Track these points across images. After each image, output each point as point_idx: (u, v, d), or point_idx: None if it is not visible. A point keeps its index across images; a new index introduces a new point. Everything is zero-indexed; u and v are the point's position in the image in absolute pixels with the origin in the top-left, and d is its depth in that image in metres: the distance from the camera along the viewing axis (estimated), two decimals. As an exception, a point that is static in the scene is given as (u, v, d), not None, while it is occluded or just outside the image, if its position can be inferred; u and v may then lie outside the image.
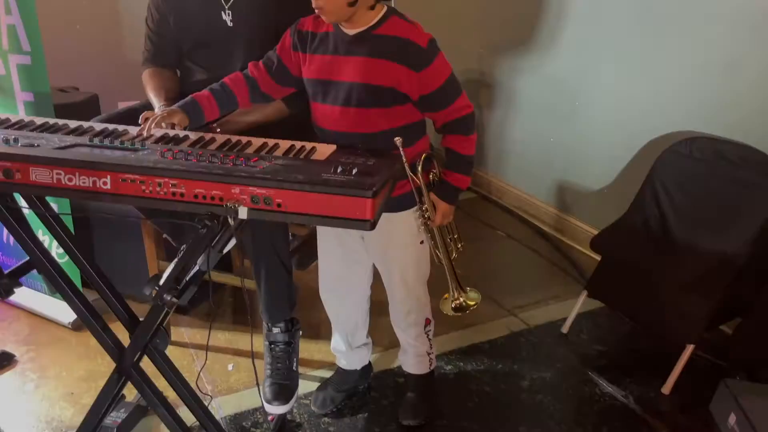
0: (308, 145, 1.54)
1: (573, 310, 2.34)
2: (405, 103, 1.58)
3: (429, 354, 1.95)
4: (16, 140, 1.41)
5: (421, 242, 1.76)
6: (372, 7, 1.52)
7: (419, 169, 1.63)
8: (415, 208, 1.70)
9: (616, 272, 2.23)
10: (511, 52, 3.17)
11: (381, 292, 1.90)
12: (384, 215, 1.60)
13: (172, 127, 1.60)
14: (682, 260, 2.07)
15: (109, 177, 1.32)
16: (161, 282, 1.41)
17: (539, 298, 2.59)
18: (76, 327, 2.33)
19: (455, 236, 1.79)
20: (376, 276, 1.89)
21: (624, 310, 2.32)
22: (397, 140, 1.54)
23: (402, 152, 1.54)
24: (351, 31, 1.55)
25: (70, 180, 1.33)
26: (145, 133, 1.54)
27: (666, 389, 2.07)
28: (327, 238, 1.84)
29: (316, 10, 1.52)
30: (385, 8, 1.55)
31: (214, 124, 1.87)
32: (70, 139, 1.47)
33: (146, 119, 1.59)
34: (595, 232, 2.45)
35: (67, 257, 1.63)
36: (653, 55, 2.47)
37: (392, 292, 1.85)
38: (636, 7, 2.50)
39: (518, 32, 3.08)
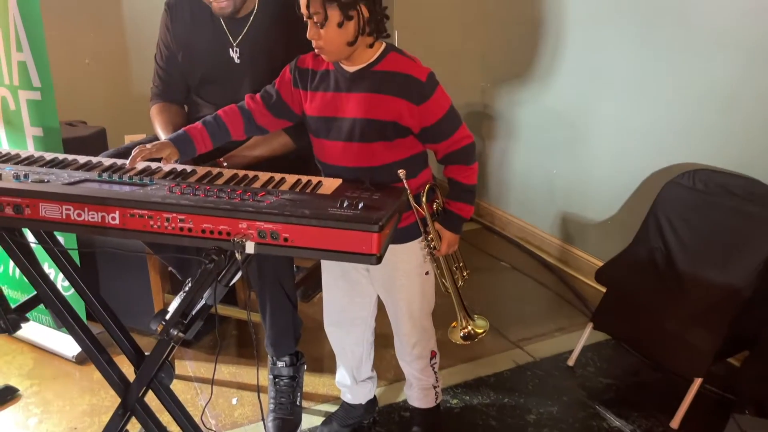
0: (314, 179, 1.56)
1: (579, 343, 2.33)
2: (407, 136, 1.60)
3: (435, 387, 1.94)
4: (26, 176, 1.42)
5: (426, 273, 1.76)
6: (371, 45, 1.55)
7: (423, 199, 1.65)
8: (420, 238, 1.71)
9: (621, 304, 2.22)
10: (512, 84, 3.21)
11: (385, 325, 1.89)
12: (390, 247, 1.61)
13: (160, 160, 1.62)
14: (688, 292, 2.06)
15: (117, 212, 1.34)
16: (168, 316, 1.41)
17: (545, 330, 2.58)
18: (80, 361, 2.32)
19: (460, 264, 1.80)
20: (381, 308, 1.88)
21: (630, 343, 2.31)
22: (401, 172, 1.56)
23: (406, 184, 1.56)
24: (351, 69, 1.58)
25: (79, 215, 1.34)
26: (128, 165, 1.56)
27: (674, 423, 2.05)
28: (331, 270, 1.84)
29: (316, 50, 1.55)
30: (384, 45, 1.58)
31: (221, 159, 1.90)
32: (79, 175, 1.49)
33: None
34: (600, 264, 2.45)
35: (72, 290, 1.64)
36: (653, 87, 2.50)
37: (397, 324, 1.85)
38: (634, 40, 2.54)
39: (518, 65, 3.12)
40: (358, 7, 1.47)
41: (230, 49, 2.00)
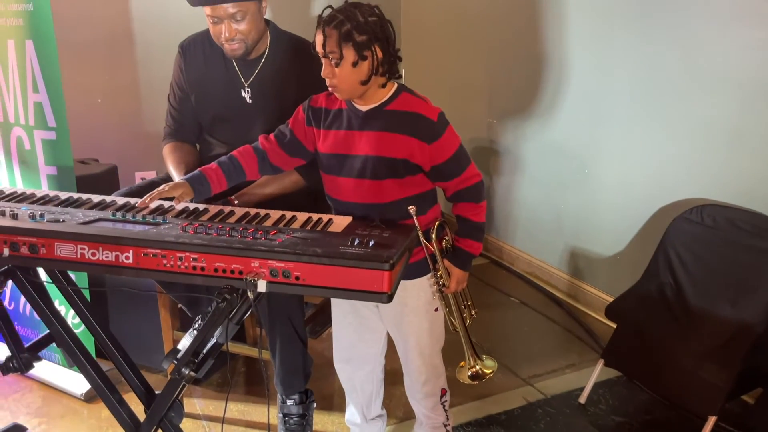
0: (325, 217, 1.58)
1: (590, 380, 2.30)
2: (417, 174, 1.63)
3: (446, 426, 1.92)
4: (42, 215, 1.45)
5: (436, 309, 1.76)
6: (383, 85, 1.59)
7: (433, 236, 1.66)
8: (429, 275, 1.72)
9: (632, 341, 2.21)
10: (518, 119, 3.24)
11: (394, 362, 1.88)
12: (403, 283, 1.62)
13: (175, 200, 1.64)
14: (700, 329, 2.05)
15: (131, 251, 1.35)
16: (179, 355, 1.42)
17: (555, 367, 2.56)
18: (88, 399, 2.32)
19: (469, 303, 1.80)
20: (390, 345, 1.88)
21: (642, 380, 2.28)
22: (411, 209, 1.58)
23: (416, 220, 1.58)
24: (364, 108, 1.61)
25: (93, 255, 1.36)
26: (139, 204, 1.59)
27: (689, 462, 2.02)
28: (341, 306, 1.85)
29: (330, 88, 1.59)
30: (396, 85, 1.63)
31: (232, 197, 1.92)
32: (94, 214, 1.52)
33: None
34: (609, 299, 2.44)
35: (83, 327, 1.65)
36: (658, 122, 2.52)
37: (407, 361, 1.84)
38: (640, 74, 2.57)
39: (524, 101, 3.16)
40: (373, 48, 1.51)
41: (242, 90, 2.04)
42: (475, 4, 3.42)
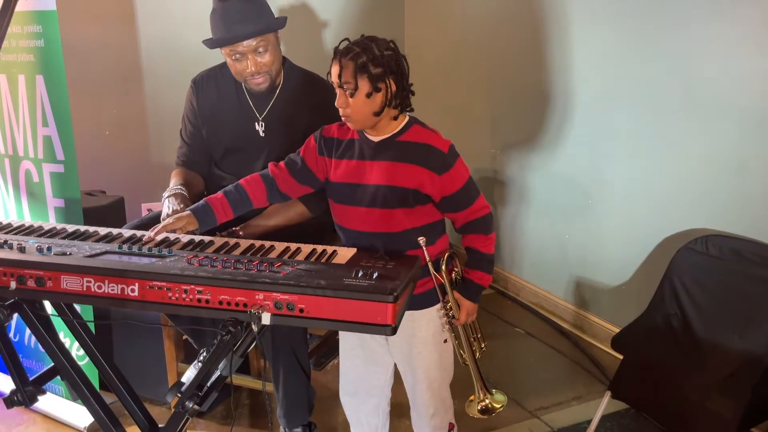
0: (329, 249, 1.58)
1: (597, 412, 2.27)
2: (427, 204, 1.64)
3: None
4: (49, 249, 1.46)
5: (445, 341, 1.76)
6: (395, 117, 1.63)
7: (443, 267, 1.67)
8: (439, 306, 1.72)
9: (639, 372, 2.18)
10: (522, 150, 3.26)
11: (400, 394, 1.87)
12: (408, 313, 1.63)
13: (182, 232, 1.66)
14: (707, 360, 2.03)
15: (137, 284, 1.36)
16: (183, 388, 1.41)
17: (561, 399, 2.53)
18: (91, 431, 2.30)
19: (478, 335, 1.79)
20: (396, 378, 1.87)
21: (650, 412, 2.25)
22: (421, 240, 1.60)
23: (425, 250, 1.60)
24: (376, 138, 1.64)
25: (99, 287, 1.37)
26: (145, 239, 1.61)
27: (700, 497, 1.98)
28: (348, 339, 1.84)
29: (343, 118, 1.62)
30: (408, 118, 1.66)
31: (237, 228, 1.93)
32: (100, 247, 1.53)
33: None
34: (616, 330, 2.43)
35: (87, 359, 1.65)
36: (663, 152, 2.54)
37: (415, 393, 1.83)
38: (643, 105, 2.59)
39: (528, 131, 3.18)
40: (387, 81, 1.56)
41: (256, 123, 2.08)
42: (477, 36, 3.47)
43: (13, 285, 1.40)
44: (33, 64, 2.11)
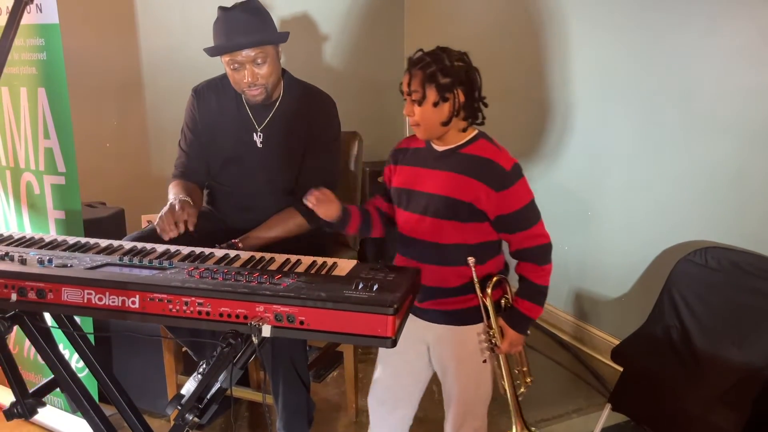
0: (329, 261, 1.58)
1: (598, 425, 2.27)
2: (482, 221, 1.62)
3: None
4: (50, 261, 1.46)
5: (484, 361, 1.71)
6: (464, 129, 1.63)
7: (489, 290, 1.63)
8: (482, 324, 1.68)
9: (639, 384, 2.18)
10: (522, 163, 3.21)
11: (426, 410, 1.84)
12: (450, 328, 1.65)
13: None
14: (707, 372, 2.03)
15: (137, 296, 1.36)
16: (183, 401, 1.41)
17: (562, 412, 2.53)
18: (90, 444, 2.29)
19: (524, 369, 1.74)
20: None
21: (650, 425, 2.25)
22: (470, 260, 1.59)
23: (474, 271, 1.59)
24: (440, 148, 1.65)
25: (100, 300, 1.37)
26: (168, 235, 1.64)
27: None
28: (402, 346, 1.80)
29: (413, 126, 1.62)
30: (477, 132, 1.66)
31: (237, 240, 1.94)
32: (101, 259, 1.53)
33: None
34: (616, 342, 2.43)
35: (86, 371, 1.64)
36: (660, 165, 2.55)
37: (449, 406, 1.79)
38: (642, 118, 2.60)
39: (528, 145, 3.20)
40: (455, 91, 1.56)
41: (254, 134, 2.09)
42: (477, 49, 3.48)
43: (13, 297, 1.40)
44: (35, 76, 2.12)
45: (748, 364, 1.96)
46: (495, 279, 1.64)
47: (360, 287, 1.37)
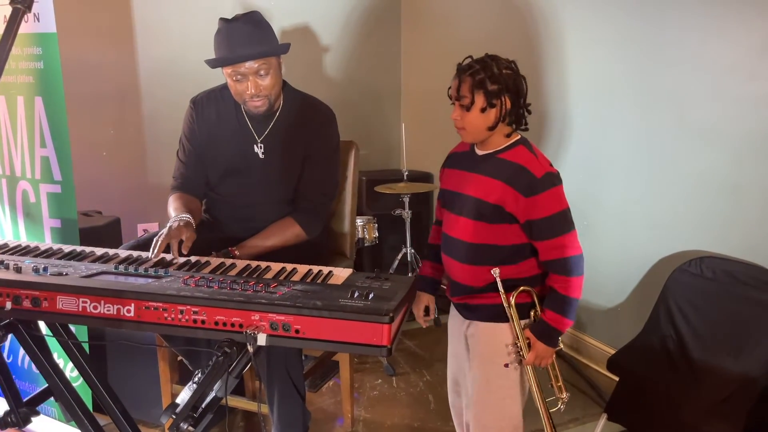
0: (325, 270, 1.59)
1: (594, 435, 2.27)
2: (512, 223, 1.64)
3: None
4: (45, 269, 1.46)
5: (506, 365, 1.70)
6: (508, 135, 1.66)
7: (512, 300, 1.65)
8: (506, 325, 1.69)
9: (635, 394, 2.18)
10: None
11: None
12: (481, 324, 1.70)
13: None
14: (703, 382, 2.03)
15: (133, 305, 1.36)
16: (178, 410, 1.41)
17: (558, 421, 2.51)
18: (84, 454, 2.28)
19: (558, 383, 1.74)
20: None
21: (646, 435, 2.25)
22: (494, 271, 1.62)
23: (499, 282, 1.63)
24: (481, 152, 1.69)
25: (95, 308, 1.37)
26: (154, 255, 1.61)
27: None
28: (452, 339, 1.86)
29: (458, 131, 1.67)
30: (518, 138, 1.69)
31: (234, 248, 1.94)
32: (96, 267, 1.53)
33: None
34: (611, 351, 2.43)
35: (81, 380, 1.63)
36: (657, 175, 2.56)
37: (467, 408, 1.79)
38: (638, 129, 2.62)
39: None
40: (502, 98, 1.60)
41: (255, 145, 2.09)
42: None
43: (8, 305, 1.40)
44: (32, 85, 2.13)
45: (743, 374, 1.96)
46: (521, 289, 1.65)
47: (356, 296, 1.37)
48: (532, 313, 1.69)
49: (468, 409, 1.78)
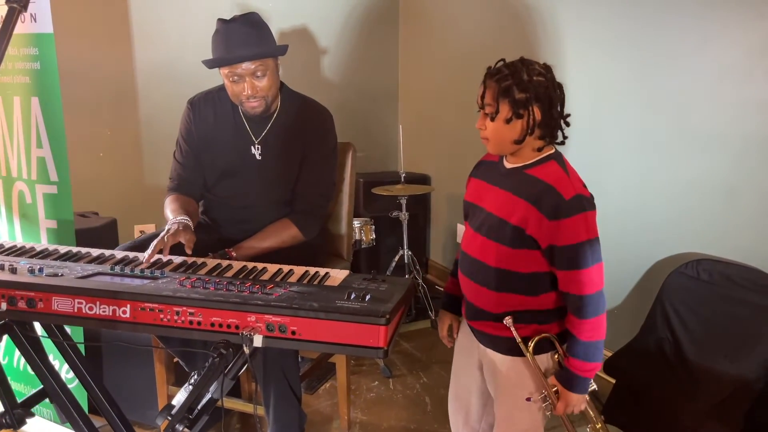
0: (322, 271, 1.59)
1: (591, 437, 2.26)
2: (533, 248, 1.47)
3: None
4: (41, 270, 1.45)
5: (528, 399, 1.57)
6: (539, 149, 1.50)
7: (530, 349, 1.51)
8: (527, 359, 1.54)
9: (632, 397, 2.18)
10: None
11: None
12: (498, 355, 1.58)
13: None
14: (699, 385, 2.03)
15: (128, 306, 1.36)
16: (174, 411, 1.40)
17: (555, 424, 2.51)
18: (79, 456, 2.27)
19: (597, 426, 1.63)
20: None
21: (643, 437, 2.25)
22: (507, 320, 1.50)
23: (513, 330, 1.50)
24: (509, 165, 1.54)
25: (90, 309, 1.37)
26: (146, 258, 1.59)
27: None
28: (459, 356, 1.74)
29: (483, 141, 1.52)
30: (552, 152, 1.53)
31: (230, 249, 1.94)
32: (92, 268, 1.52)
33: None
34: (608, 354, 2.43)
35: (76, 381, 1.63)
36: (653, 178, 2.56)
37: None
38: (634, 132, 2.62)
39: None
40: (530, 108, 1.44)
41: (252, 147, 2.09)
42: (471, 63, 3.51)
43: (3, 306, 1.39)
44: (28, 86, 2.12)
45: (740, 376, 1.97)
46: (537, 339, 1.51)
47: (352, 297, 1.37)
48: (556, 357, 1.55)
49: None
